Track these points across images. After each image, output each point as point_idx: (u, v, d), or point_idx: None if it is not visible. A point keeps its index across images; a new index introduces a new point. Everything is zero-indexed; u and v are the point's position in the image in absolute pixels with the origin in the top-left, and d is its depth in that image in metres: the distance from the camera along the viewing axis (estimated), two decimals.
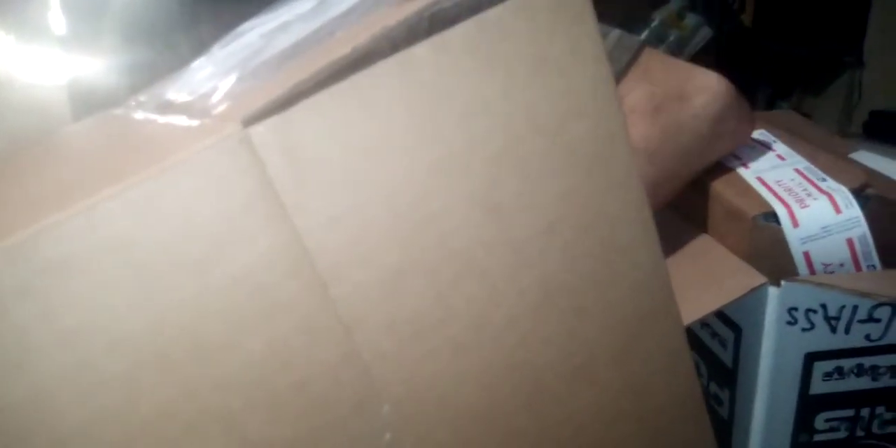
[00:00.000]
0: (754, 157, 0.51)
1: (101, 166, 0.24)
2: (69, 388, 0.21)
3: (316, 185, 0.22)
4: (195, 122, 0.24)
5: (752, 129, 0.49)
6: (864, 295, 0.40)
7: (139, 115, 0.30)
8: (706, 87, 0.44)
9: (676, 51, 0.98)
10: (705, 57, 0.99)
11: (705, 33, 0.97)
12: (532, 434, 0.28)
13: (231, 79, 0.26)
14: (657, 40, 0.97)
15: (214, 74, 0.29)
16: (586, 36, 0.25)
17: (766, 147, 0.52)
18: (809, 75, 0.97)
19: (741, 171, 0.49)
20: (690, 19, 0.96)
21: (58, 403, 0.21)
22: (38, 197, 0.23)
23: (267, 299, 0.22)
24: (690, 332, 0.52)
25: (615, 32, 0.45)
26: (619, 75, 0.44)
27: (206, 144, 0.21)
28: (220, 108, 0.24)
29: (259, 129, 0.21)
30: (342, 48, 0.22)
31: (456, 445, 0.26)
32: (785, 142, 0.52)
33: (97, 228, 0.20)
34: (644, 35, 0.97)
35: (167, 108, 0.29)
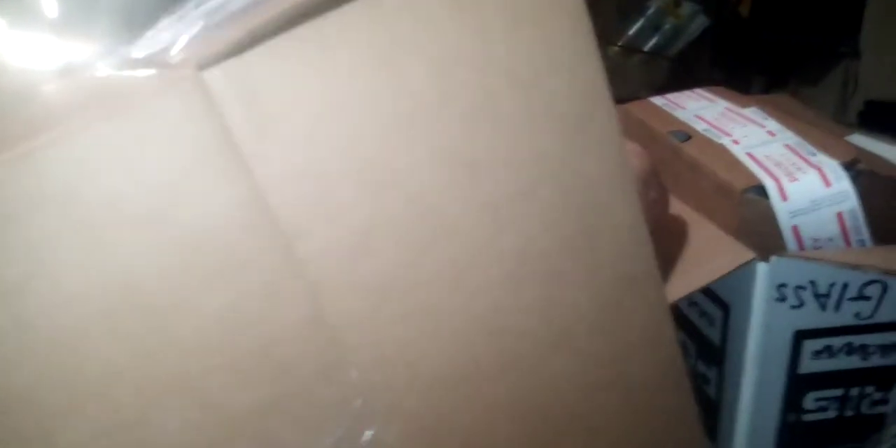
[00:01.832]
0: (744, 134, 0.50)
1: (45, 119, 0.22)
2: (4, 347, 0.19)
3: (277, 135, 0.21)
4: (151, 72, 0.22)
5: (668, 204, 0.47)
6: (854, 267, 0.39)
7: (100, 73, 0.29)
8: (635, 152, 0.43)
9: (672, 39, 0.96)
10: (701, 45, 0.98)
11: (701, 22, 0.96)
12: (507, 403, 0.27)
13: (194, 30, 0.25)
14: (653, 28, 0.96)
15: (179, 29, 0.27)
16: None
17: (756, 124, 0.51)
18: (805, 65, 0.96)
19: (730, 147, 0.48)
20: (687, 7, 0.95)
21: None
22: None
23: (225, 257, 0.21)
24: (677, 311, 0.51)
25: None
26: None
27: (158, 89, 0.20)
28: (180, 58, 0.23)
29: (215, 73, 0.20)
30: None
31: (426, 413, 0.25)
32: (776, 119, 0.51)
33: (36, 177, 0.19)
34: (639, 23, 0.95)
35: (128, 63, 0.28)
